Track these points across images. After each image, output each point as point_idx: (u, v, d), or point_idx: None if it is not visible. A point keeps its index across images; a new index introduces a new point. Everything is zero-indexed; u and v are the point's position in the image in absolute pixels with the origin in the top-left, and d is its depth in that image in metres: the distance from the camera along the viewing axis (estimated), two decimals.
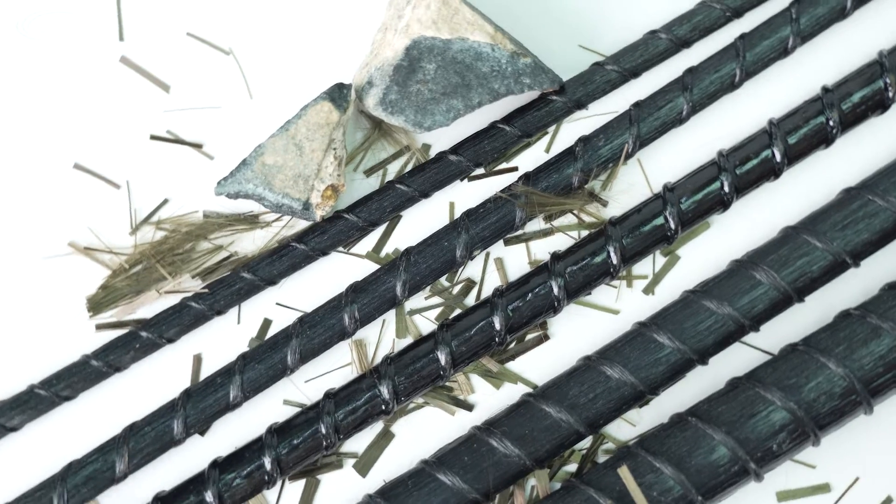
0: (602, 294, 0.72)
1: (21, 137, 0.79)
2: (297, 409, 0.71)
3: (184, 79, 0.80)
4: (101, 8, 0.81)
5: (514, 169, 0.75)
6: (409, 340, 0.72)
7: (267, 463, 0.68)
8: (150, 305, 0.75)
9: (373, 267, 0.74)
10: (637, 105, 0.74)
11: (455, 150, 0.74)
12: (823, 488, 0.68)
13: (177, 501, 0.68)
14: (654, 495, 0.62)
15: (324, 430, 0.68)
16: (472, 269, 0.73)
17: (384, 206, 0.73)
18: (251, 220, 0.75)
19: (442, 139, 0.76)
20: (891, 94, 0.72)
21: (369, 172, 0.76)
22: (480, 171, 0.75)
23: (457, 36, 0.70)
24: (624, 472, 0.63)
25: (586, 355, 0.68)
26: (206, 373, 0.73)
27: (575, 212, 0.73)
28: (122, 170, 0.79)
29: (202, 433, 0.72)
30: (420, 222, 0.75)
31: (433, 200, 0.75)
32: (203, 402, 0.70)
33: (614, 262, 0.69)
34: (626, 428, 0.69)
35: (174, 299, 0.75)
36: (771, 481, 0.68)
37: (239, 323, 0.74)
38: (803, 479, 0.68)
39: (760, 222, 0.73)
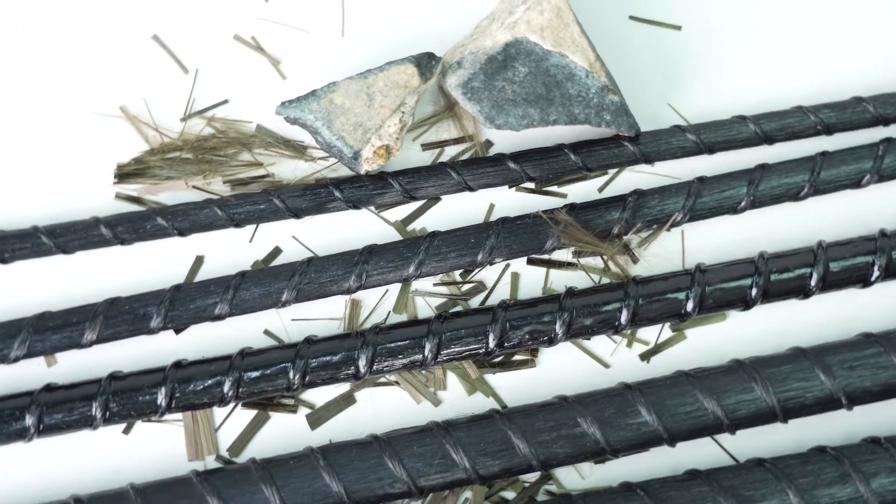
0: (600, 344, 0.72)
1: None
2: (275, 343, 0.71)
3: None
4: None
5: (564, 195, 0.75)
6: (403, 318, 0.72)
7: (228, 382, 0.68)
8: (174, 193, 0.75)
9: (396, 236, 0.74)
10: (701, 180, 0.73)
11: (515, 157, 0.74)
12: None
13: (130, 386, 0.68)
14: None
15: (291, 372, 0.68)
16: (487, 274, 0.73)
17: (429, 183, 0.73)
18: (299, 150, 0.75)
19: (505, 141, 0.76)
20: None
21: (426, 147, 0.76)
22: (531, 185, 0.75)
23: (558, 50, 0.70)
24: None
25: (564, 395, 0.68)
26: (202, 276, 0.74)
27: (605, 257, 0.73)
28: (195, 57, 0.79)
29: (177, 332, 0.72)
30: (456, 211, 0.75)
31: (476, 195, 0.75)
32: (190, 303, 0.71)
33: (623, 319, 0.69)
34: (575, 477, 0.68)
35: (199, 196, 0.75)
36: None
37: (251, 241, 0.74)
38: None
39: (774, 333, 0.72)
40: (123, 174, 0.75)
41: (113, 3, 0.80)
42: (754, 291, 0.70)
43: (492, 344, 0.68)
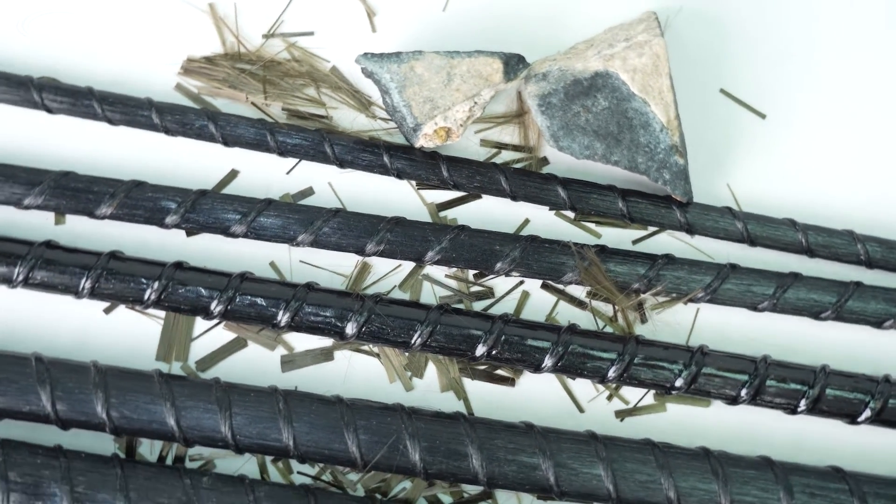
0: (582, 387, 0.72)
1: None
2: (276, 278, 0.71)
3: None
4: None
5: (598, 235, 0.75)
6: (406, 297, 0.72)
7: (219, 299, 0.68)
8: (231, 103, 0.75)
9: (426, 218, 0.74)
10: (733, 267, 0.73)
11: (565, 182, 0.74)
12: None
13: (126, 270, 0.68)
14: None
15: (282, 310, 0.68)
16: (499, 283, 0.73)
17: (476, 179, 0.73)
18: (364, 104, 0.75)
19: (560, 162, 0.76)
20: None
21: (484, 144, 0.76)
22: (571, 214, 0.75)
23: (643, 96, 0.70)
24: None
25: (531, 423, 0.68)
26: (230, 190, 0.74)
27: (617, 307, 0.72)
28: None
29: (189, 234, 0.73)
30: (491, 213, 0.75)
31: (515, 205, 0.75)
32: (210, 212, 0.71)
33: (612, 372, 0.69)
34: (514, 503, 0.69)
35: (254, 113, 0.75)
36: None
37: (288, 174, 0.75)
38: None
39: (749, 436, 0.72)
40: (190, 69, 0.75)
41: None
42: (745, 390, 0.70)
43: (481, 351, 0.68)
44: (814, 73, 0.82)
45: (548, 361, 0.69)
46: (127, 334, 0.70)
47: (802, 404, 0.70)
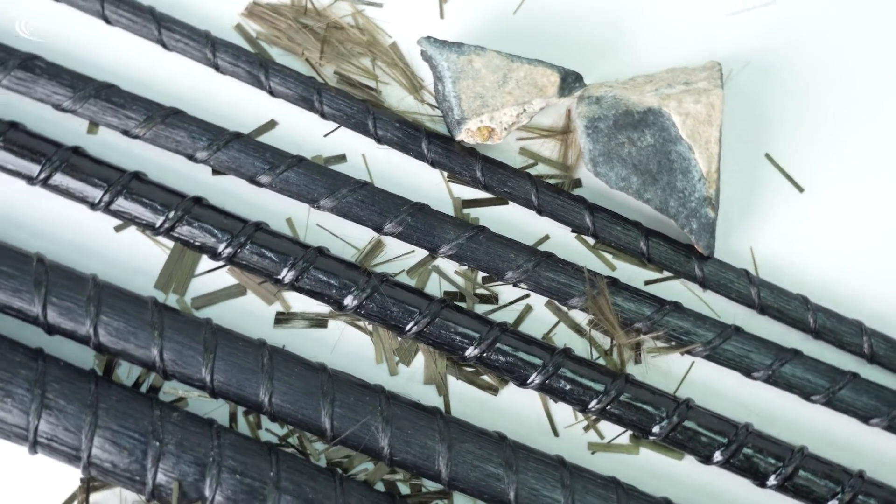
0: (562, 411, 0.72)
1: None
2: (289, 235, 0.71)
3: None
4: None
5: (612, 267, 0.75)
6: (411, 283, 0.72)
7: (229, 242, 0.68)
8: (285, 54, 0.76)
9: (450, 210, 0.74)
10: (737, 330, 0.73)
11: (593, 209, 0.74)
12: None
13: (145, 193, 0.68)
14: None
15: (287, 268, 0.68)
16: (505, 291, 0.74)
17: (506, 184, 0.73)
18: (415, 86, 0.75)
19: (592, 187, 0.76)
20: None
21: (523, 152, 0.76)
22: (591, 240, 0.75)
23: (689, 142, 0.70)
24: None
25: (505, 435, 0.68)
26: (265, 140, 0.74)
27: (615, 342, 0.72)
28: None
29: (215, 173, 0.73)
30: (513, 221, 0.75)
31: (539, 219, 0.75)
32: (241, 156, 0.71)
33: (594, 405, 0.69)
34: None
35: (305, 70, 0.75)
36: None
37: (325, 137, 0.75)
38: None
39: (716, 495, 0.72)
40: (254, 12, 0.75)
41: None
42: (720, 452, 0.70)
43: (471, 353, 0.68)
44: (863, 161, 0.81)
45: (535, 378, 0.69)
46: (132, 256, 0.70)
47: (773, 479, 0.70)
